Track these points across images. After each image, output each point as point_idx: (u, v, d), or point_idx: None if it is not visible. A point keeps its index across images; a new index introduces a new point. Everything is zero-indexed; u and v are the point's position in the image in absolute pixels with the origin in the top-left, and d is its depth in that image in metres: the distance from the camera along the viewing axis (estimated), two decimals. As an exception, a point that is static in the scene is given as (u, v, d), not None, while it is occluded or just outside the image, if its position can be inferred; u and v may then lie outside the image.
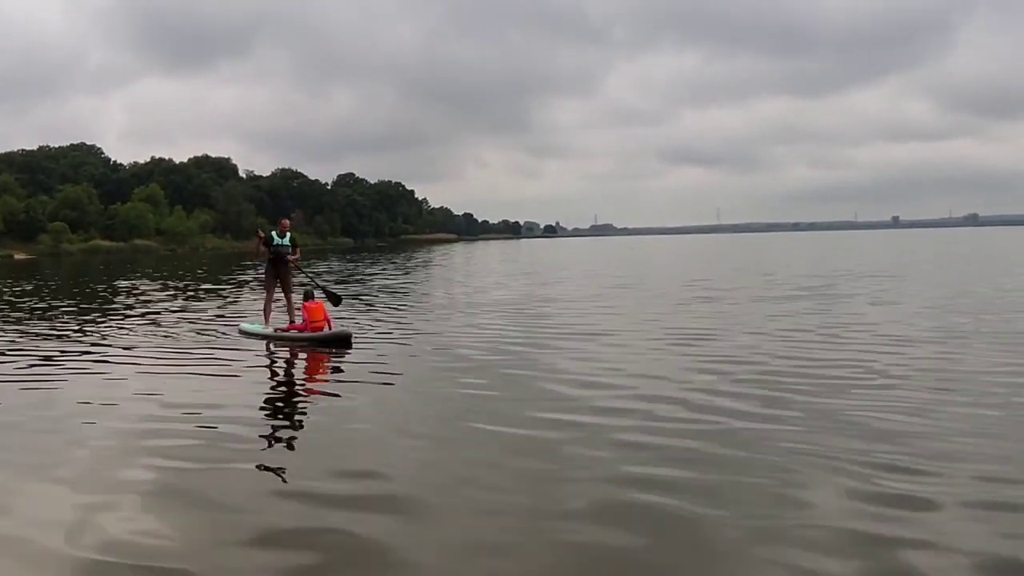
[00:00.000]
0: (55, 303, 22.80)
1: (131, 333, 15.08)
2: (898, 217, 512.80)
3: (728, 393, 8.44)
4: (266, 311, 14.86)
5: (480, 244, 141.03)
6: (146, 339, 14.17)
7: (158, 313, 19.09)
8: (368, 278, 32.86)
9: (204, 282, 32.90)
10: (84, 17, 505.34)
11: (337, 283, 27.68)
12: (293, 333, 13.91)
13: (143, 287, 29.69)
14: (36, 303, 22.81)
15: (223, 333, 14.92)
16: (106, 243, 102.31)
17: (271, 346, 13.38)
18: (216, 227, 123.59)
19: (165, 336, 14.56)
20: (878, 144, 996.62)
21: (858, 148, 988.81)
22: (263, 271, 15.97)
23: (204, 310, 19.72)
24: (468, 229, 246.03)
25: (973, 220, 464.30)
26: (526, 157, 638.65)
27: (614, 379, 9.48)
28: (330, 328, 13.62)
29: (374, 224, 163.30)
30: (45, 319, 18.23)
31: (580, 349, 12.04)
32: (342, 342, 13.10)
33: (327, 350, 12.76)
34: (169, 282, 33.17)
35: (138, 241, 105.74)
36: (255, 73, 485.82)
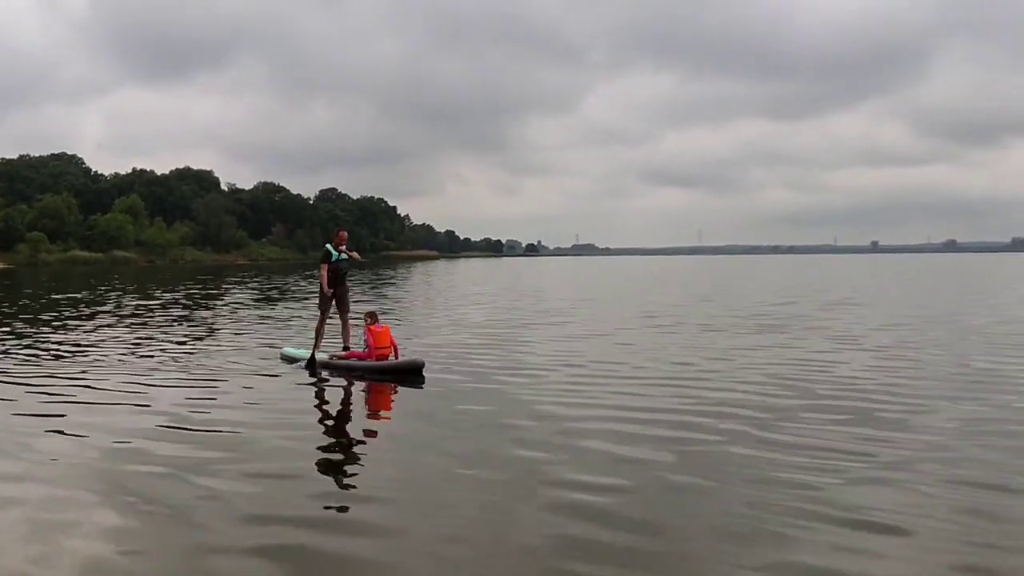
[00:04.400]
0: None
1: (162, 353, 14.40)
2: (877, 242, 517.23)
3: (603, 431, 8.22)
4: (318, 335, 13.23)
5: (461, 262, 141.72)
6: (172, 362, 13.38)
7: (185, 327, 19.08)
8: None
9: (220, 296, 33.02)
10: (61, 27, 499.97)
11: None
12: (354, 361, 12.40)
13: (159, 301, 29.71)
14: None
15: (257, 359, 13.72)
16: (84, 253, 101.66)
17: (323, 374, 12.11)
18: (196, 239, 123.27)
19: (197, 357, 13.83)
20: (856, 168, 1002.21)
21: (836, 172, 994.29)
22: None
23: (231, 328, 19.05)
24: (450, 246, 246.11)
25: (952, 246, 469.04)
26: (505, 175, 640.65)
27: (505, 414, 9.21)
28: (396, 356, 12.31)
29: (356, 240, 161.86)
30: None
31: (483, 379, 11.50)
32: (413, 372, 11.74)
33: (391, 381, 11.45)
34: (186, 297, 33.18)
35: (117, 252, 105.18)
36: (232, 85, 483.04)
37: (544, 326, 19.72)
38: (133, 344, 15.75)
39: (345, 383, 11.59)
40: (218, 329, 18.86)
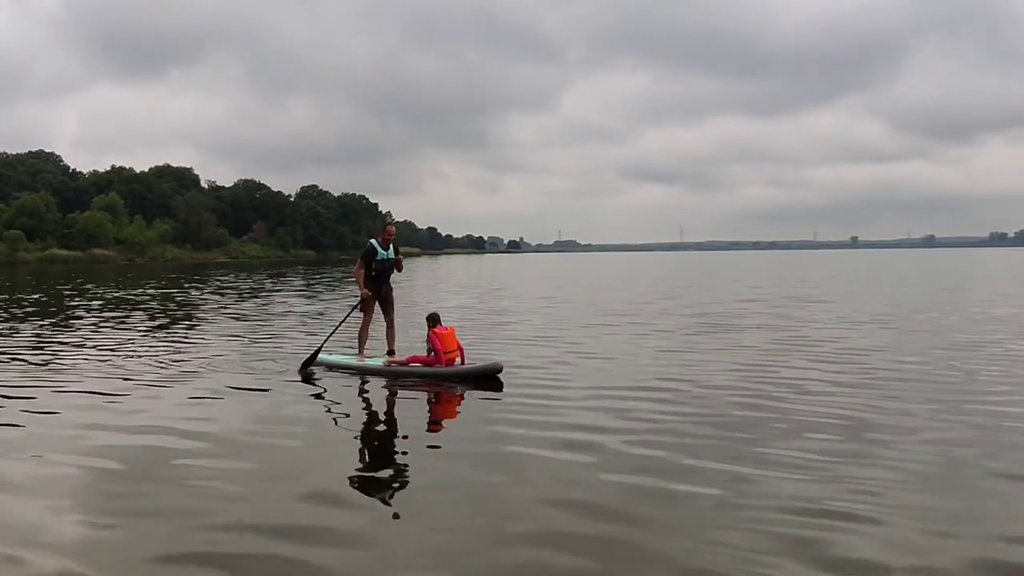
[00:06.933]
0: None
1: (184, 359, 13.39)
2: (857, 237, 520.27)
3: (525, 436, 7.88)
4: (361, 340, 12.41)
5: (443, 259, 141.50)
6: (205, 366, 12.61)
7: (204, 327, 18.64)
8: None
9: (197, 294, 32.83)
10: (34, 24, 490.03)
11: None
12: (419, 367, 11.19)
13: (132, 301, 29.33)
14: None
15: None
16: (63, 252, 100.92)
17: (371, 382, 11.01)
18: (176, 237, 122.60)
19: (171, 360, 13.06)
20: (835, 165, 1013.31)
21: (815, 168, 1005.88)
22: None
23: (252, 331, 17.95)
24: (432, 243, 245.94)
25: (930, 241, 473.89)
26: (486, 172, 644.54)
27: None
28: (463, 359, 11.17)
29: (337, 237, 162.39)
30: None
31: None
32: (488, 377, 10.63)
33: (452, 386, 10.58)
34: (163, 296, 32.86)
35: (96, 250, 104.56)
36: (209, 82, 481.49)
37: (499, 326, 19.03)
38: (102, 348, 15.30)
39: (366, 390, 10.74)
40: (196, 331, 18.82)
